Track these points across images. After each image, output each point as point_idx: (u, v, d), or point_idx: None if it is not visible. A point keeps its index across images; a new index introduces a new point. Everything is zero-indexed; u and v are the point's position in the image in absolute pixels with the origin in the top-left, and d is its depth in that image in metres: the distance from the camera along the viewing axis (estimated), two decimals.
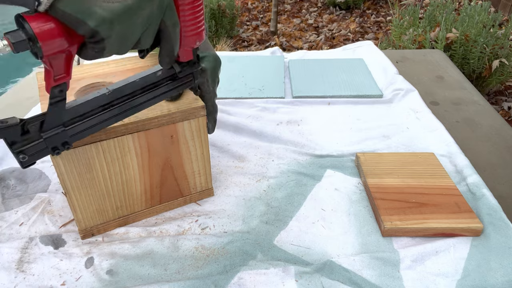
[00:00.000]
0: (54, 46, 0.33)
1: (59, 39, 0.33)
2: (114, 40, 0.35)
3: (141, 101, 0.46)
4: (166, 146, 0.52)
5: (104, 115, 0.44)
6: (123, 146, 0.49)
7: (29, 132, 0.39)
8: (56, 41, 0.33)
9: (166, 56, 0.43)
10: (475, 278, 0.47)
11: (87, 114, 0.43)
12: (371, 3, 3.56)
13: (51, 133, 0.40)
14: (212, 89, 0.55)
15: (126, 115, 0.46)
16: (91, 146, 0.46)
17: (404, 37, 2.00)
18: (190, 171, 0.57)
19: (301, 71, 0.97)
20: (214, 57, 0.57)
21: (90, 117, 0.43)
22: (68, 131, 0.41)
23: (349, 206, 0.59)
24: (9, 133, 0.37)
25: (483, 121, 0.81)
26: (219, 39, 2.69)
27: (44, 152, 0.40)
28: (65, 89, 0.37)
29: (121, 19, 0.35)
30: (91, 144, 0.46)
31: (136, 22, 0.36)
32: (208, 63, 0.56)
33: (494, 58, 1.75)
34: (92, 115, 0.43)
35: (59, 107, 0.39)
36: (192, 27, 0.44)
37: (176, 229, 0.55)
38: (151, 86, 0.47)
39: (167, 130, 0.51)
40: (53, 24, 0.32)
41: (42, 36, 0.32)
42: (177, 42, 0.43)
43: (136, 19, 0.36)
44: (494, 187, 0.61)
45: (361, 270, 0.49)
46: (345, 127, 0.77)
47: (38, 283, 0.48)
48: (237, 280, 0.47)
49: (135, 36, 0.38)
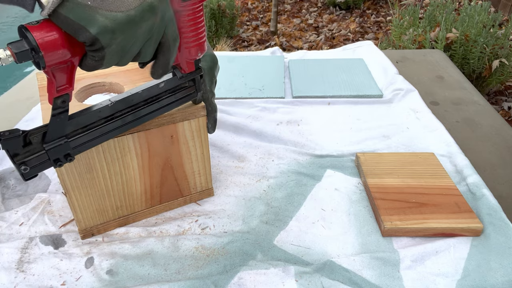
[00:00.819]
0: (56, 57, 0.33)
1: (62, 50, 0.33)
2: (114, 50, 0.35)
3: (144, 113, 0.46)
4: (166, 146, 0.52)
5: (107, 126, 0.44)
6: (123, 146, 0.49)
7: (31, 144, 0.39)
8: (59, 52, 0.33)
9: (160, 68, 0.43)
10: (475, 278, 0.47)
11: (89, 126, 0.43)
12: (371, 3, 3.56)
13: (53, 145, 0.40)
14: (209, 88, 0.55)
15: (129, 127, 0.46)
16: None
17: (404, 37, 2.00)
18: (190, 171, 0.57)
19: (301, 71, 0.97)
20: (211, 57, 0.57)
21: (93, 128, 0.43)
22: (70, 143, 0.41)
23: (349, 206, 0.59)
24: (11, 144, 0.37)
25: (483, 121, 0.81)
26: (219, 39, 2.69)
27: (46, 164, 0.40)
28: (68, 100, 0.37)
29: (123, 29, 0.34)
30: None
31: (137, 33, 0.36)
32: (204, 62, 0.56)
33: (494, 58, 1.75)
34: (95, 126, 0.43)
35: (61, 118, 0.39)
36: (194, 39, 0.44)
37: (176, 229, 0.55)
38: (154, 98, 0.47)
39: (167, 130, 0.51)
40: (56, 34, 0.32)
41: (44, 47, 0.32)
42: (174, 56, 0.43)
43: (138, 30, 0.36)
44: (494, 187, 0.61)
45: (361, 270, 0.49)
46: (345, 127, 0.77)
47: (38, 283, 0.48)
48: (237, 280, 0.47)
49: (136, 48, 0.37)
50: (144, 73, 0.58)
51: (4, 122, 0.81)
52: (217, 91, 0.88)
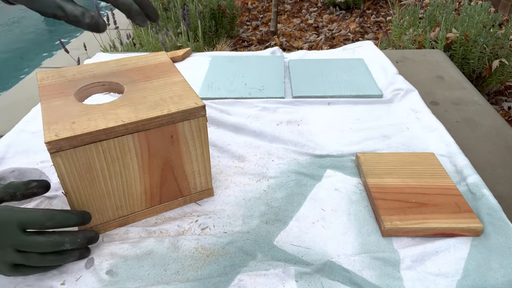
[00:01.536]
0: None
1: None
2: None
3: None
4: (166, 146, 0.52)
5: None
6: (123, 146, 0.49)
7: None
8: None
9: None
10: (475, 278, 0.47)
11: None
12: (371, 3, 3.56)
13: None
14: None
15: None
16: (91, 146, 0.46)
17: (404, 37, 2.00)
18: (190, 171, 0.57)
19: (301, 71, 0.97)
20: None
21: None
22: None
23: (349, 206, 0.59)
24: None
25: (483, 121, 0.81)
26: (219, 39, 2.69)
27: None
28: None
29: None
30: (91, 144, 0.46)
31: None
32: None
33: (494, 58, 1.75)
34: None
35: None
36: None
37: (176, 229, 0.55)
38: None
39: (167, 130, 0.51)
40: None
41: None
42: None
43: None
44: (494, 187, 0.61)
45: (361, 271, 0.49)
46: (345, 127, 0.77)
47: (38, 283, 0.48)
48: (237, 282, 0.47)
49: None
50: (144, 73, 0.59)
51: (4, 122, 0.81)
52: (217, 91, 0.88)
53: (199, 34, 2.37)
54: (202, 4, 2.59)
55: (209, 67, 1.00)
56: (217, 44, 2.58)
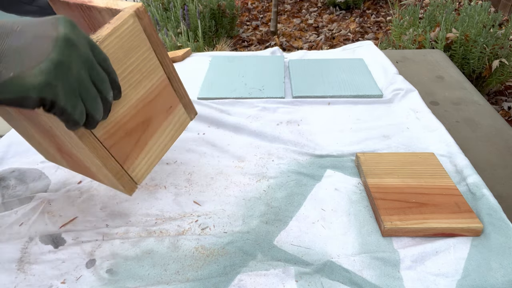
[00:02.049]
0: None
1: None
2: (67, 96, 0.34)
3: None
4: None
5: None
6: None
7: None
8: None
9: None
10: (475, 278, 0.47)
11: None
12: (371, 3, 3.56)
13: None
14: None
15: None
16: None
17: (404, 37, 2.01)
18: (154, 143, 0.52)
19: (301, 71, 0.97)
20: None
21: None
22: None
23: (349, 206, 0.59)
24: None
25: (483, 121, 0.81)
26: (219, 39, 2.69)
27: None
28: None
29: (55, 73, 0.33)
30: None
31: (71, 67, 0.35)
32: None
33: (494, 58, 1.76)
34: None
35: None
36: None
37: (176, 229, 0.55)
38: None
39: None
40: None
41: None
42: None
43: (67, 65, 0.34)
44: (494, 187, 0.61)
45: (361, 271, 0.49)
46: (345, 127, 0.77)
47: (39, 283, 0.48)
48: (237, 282, 0.47)
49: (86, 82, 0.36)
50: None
51: (4, 122, 0.81)
52: (217, 91, 0.88)
53: (199, 34, 2.37)
54: (202, 4, 2.59)
55: (209, 67, 1.00)
56: (217, 44, 2.58)
